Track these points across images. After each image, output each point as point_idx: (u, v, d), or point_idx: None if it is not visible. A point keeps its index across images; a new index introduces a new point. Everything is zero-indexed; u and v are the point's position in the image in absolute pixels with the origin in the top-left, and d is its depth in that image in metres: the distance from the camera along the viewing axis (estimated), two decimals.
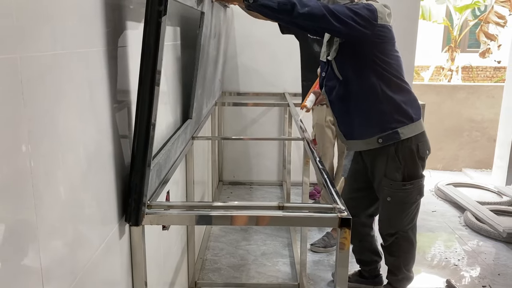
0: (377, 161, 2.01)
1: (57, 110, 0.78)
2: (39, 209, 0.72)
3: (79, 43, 0.87)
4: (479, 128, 4.76)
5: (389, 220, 2.10)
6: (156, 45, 1.00)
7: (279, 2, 1.68)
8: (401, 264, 2.15)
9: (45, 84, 0.74)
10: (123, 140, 1.14)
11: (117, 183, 1.09)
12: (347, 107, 2.00)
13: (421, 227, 3.19)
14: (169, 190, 1.68)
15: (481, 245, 2.99)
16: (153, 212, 1.17)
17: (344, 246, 1.14)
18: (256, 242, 2.93)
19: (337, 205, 1.20)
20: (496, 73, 8.48)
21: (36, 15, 0.71)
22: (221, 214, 1.19)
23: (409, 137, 1.93)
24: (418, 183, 1.99)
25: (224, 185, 4.06)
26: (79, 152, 0.88)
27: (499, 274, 2.61)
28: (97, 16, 0.95)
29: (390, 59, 1.89)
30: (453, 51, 6.98)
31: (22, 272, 0.68)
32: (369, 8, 1.81)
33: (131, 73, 1.18)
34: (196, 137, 2.17)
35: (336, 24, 1.75)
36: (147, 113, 1.04)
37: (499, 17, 5.92)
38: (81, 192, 0.89)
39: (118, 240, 1.11)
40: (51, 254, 0.77)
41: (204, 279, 2.47)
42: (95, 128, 0.96)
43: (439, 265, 2.71)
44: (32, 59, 0.70)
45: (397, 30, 1.96)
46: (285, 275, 2.54)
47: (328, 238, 2.80)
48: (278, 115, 3.96)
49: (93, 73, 0.94)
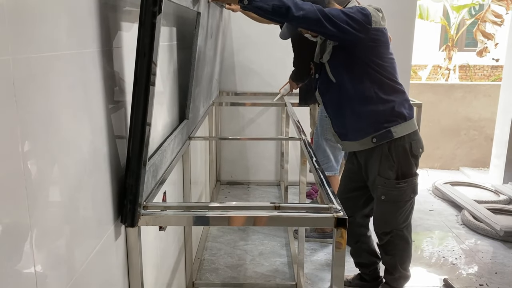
0: (371, 160, 2.01)
1: (50, 111, 0.78)
2: (32, 211, 0.71)
3: (73, 44, 0.86)
4: (476, 127, 4.77)
5: (383, 218, 2.10)
6: (151, 45, 0.99)
7: (273, 5, 1.68)
8: (397, 263, 2.16)
9: (38, 85, 0.74)
10: (118, 140, 1.13)
11: (113, 184, 1.09)
12: (340, 109, 2.00)
13: (418, 226, 3.20)
14: (165, 190, 1.67)
15: (478, 243, 2.99)
16: (149, 213, 1.16)
17: (340, 245, 1.14)
18: (253, 242, 2.93)
19: (333, 205, 1.20)
20: (493, 72, 8.50)
21: (29, 16, 0.71)
22: (218, 215, 1.18)
23: (402, 135, 1.94)
24: (412, 181, 2.00)
25: (222, 185, 4.05)
26: (74, 153, 0.88)
27: (496, 273, 2.61)
28: (92, 17, 0.95)
29: (384, 62, 1.91)
30: (450, 50, 7.00)
31: (16, 274, 0.68)
32: (363, 13, 1.82)
33: (126, 73, 1.18)
34: (193, 137, 2.17)
35: (331, 28, 1.77)
36: (142, 114, 1.04)
37: (496, 16, 5.93)
38: (76, 193, 0.89)
39: (114, 241, 1.11)
40: (46, 256, 0.76)
41: (202, 279, 2.47)
42: (90, 129, 0.95)
43: (437, 263, 2.72)
44: (25, 61, 0.70)
45: (394, 29, 1.96)
46: (282, 275, 2.54)
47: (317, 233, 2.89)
48: (276, 115, 3.96)
49: (87, 74, 0.93)
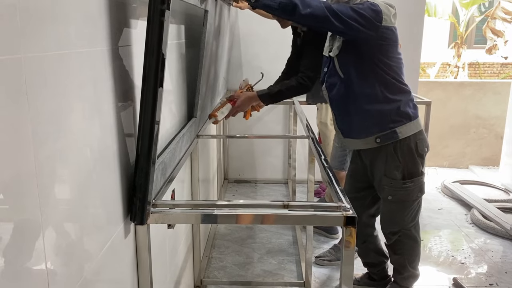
0: (377, 160, 2.00)
1: (61, 110, 0.78)
2: (44, 209, 0.72)
3: (83, 43, 0.87)
4: (485, 125, 4.73)
5: (391, 218, 2.09)
6: (159, 43, 0.99)
7: (280, 2, 1.67)
8: (406, 262, 2.15)
9: (49, 84, 0.74)
10: (128, 139, 1.14)
11: (122, 182, 1.10)
12: (346, 106, 1.98)
13: (427, 225, 3.18)
14: (174, 188, 1.68)
15: (488, 243, 2.97)
16: (158, 211, 1.17)
17: (349, 244, 1.13)
18: (261, 240, 2.93)
19: (342, 204, 1.20)
20: (503, 70, 8.42)
21: (40, 15, 0.71)
22: (226, 213, 1.19)
23: (407, 135, 1.92)
24: (419, 180, 1.98)
25: (230, 183, 4.06)
26: (84, 152, 0.88)
27: (506, 272, 2.59)
28: (101, 15, 0.95)
29: (391, 62, 1.87)
30: (460, 48, 6.94)
31: (27, 271, 0.68)
32: (374, 9, 1.77)
33: (135, 72, 1.18)
34: (201, 135, 2.17)
35: (339, 25, 1.73)
36: (151, 112, 1.04)
37: (506, 13, 5.87)
38: (86, 191, 0.89)
39: (124, 239, 1.11)
40: (56, 254, 0.77)
41: (210, 277, 2.47)
42: (100, 127, 0.96)
43: (446, 262, 2.70)
44: (36, 59, 0.70)
45: (402, 26, 1.94)
46: (290, 273, 2.54)
47: (334, 251, 2.69)
48: (283, 113, 3.96)
49: (97, 72, 0.94)
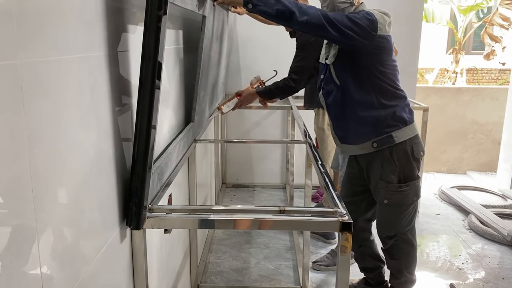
0: (373, 164, 2.01)
1: (57, 115, 0.79)
2: (39, 213, 0.72)
3: (80, 48, 0.87)
4: (483, 130, 4.74)
5: (387, 223, 2.10)
6: (156, 48, 1.00)
7: (277, 9, 1.68)
8: (402, 267, 2.14)
9: (46, 89, 0.74)
10: (124, 143, 1.14)
11: (118, 186, 1.10)
12: (343, 112, 2.00)
13: (424, 230, 3.18)
14: (171, 193, 1.68)
15: (485, 248, 2.97)
16: (155, 216, 1.17)
17: (345, 249, 1.13)
18: (258, 245, 2.92)
19: (338, 209, 1.20)
20: (501, 75, 8.44)
21: (36, 21, 0.72)
22: (223, 218, 1.18)
23: (403, 140, 1.93)
24: (414, 184, 1.99)
25: (227, 187, 4.06)
26: (80, 156, 0.88)
27: (503, 278, 2.59)
28: (98, 20, 0.95)
29: (386, 69, 1.89)
30: (458, 53, 6.97)
31: (22, 276, 0.68)
32: (369, 18, 1.80)
33: (132, 77, 1.18)
34: (198, 140, 2.17)
35: (335, 33, 1.76)
36: (147, 117, 1.05)
37: (503, 19, 5.90)
38: (81, 195, 0.89)
39: (119, 244, 1.11)
40: (52, 258, 0.77)
41: (207, 282, 2.47)
42: (96, 132, 0.96)
43: (443, 268, 2.70)
44: (33, 65, 0.70)
45: (400, 32, 1.95)
46: (287, 278, 2.53)
47: (332, 256, 2.69)
48: (281, 118, 3.96)
49: (94, 78, 0.94)
